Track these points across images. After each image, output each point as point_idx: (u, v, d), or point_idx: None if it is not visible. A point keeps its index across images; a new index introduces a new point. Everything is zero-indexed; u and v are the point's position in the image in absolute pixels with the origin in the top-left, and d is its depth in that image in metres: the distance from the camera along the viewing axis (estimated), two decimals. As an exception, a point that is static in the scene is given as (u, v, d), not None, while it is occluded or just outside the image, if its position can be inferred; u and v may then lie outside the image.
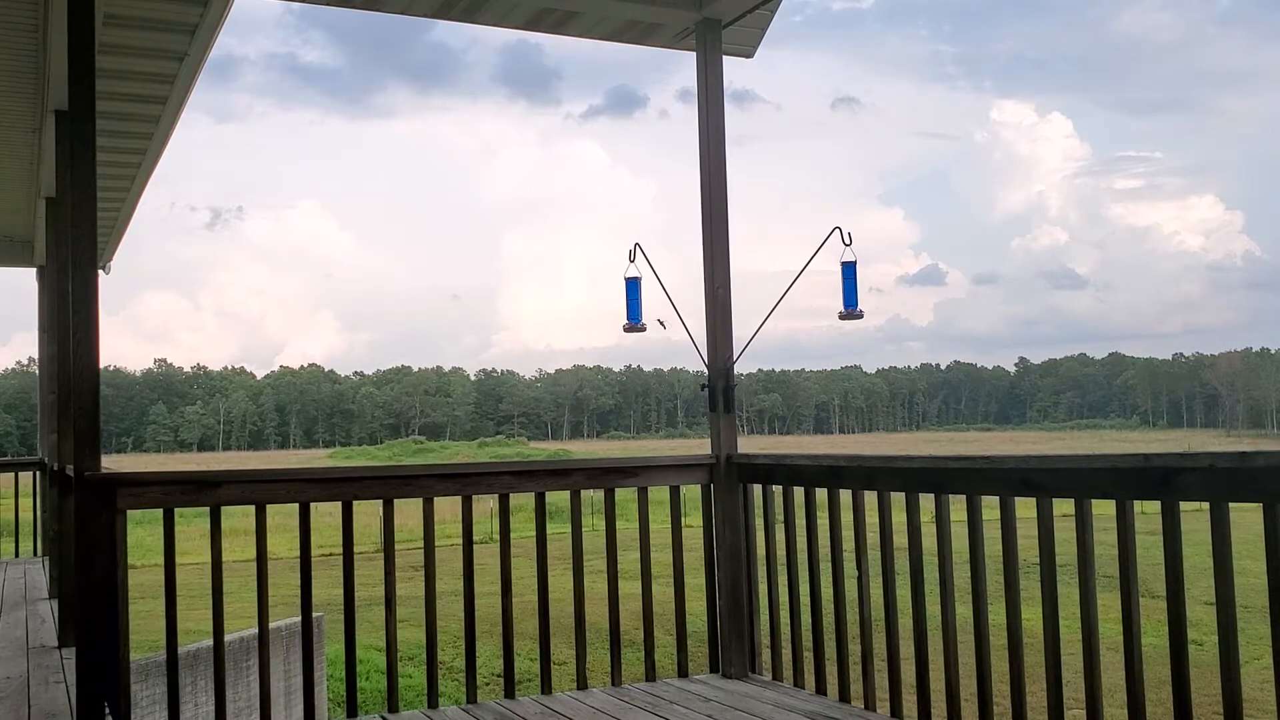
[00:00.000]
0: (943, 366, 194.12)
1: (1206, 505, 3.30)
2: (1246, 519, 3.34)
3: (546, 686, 5.17)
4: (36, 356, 12.08)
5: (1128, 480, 3.59)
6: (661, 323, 5.38)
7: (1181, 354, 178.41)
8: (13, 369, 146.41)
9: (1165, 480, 3.42)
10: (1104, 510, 3.68)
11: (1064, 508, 3.83)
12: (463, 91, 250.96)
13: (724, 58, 5.71)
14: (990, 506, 4.14)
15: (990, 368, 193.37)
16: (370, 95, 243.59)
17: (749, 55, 6.15)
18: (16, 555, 12.17)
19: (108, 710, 4.32)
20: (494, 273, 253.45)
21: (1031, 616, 3.81)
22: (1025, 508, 3.98)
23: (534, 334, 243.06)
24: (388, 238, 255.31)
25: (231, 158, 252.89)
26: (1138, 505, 3.66)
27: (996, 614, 3.97)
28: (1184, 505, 3.43)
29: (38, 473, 11.90)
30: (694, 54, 5.71)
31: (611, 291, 5.52)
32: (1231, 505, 3.27)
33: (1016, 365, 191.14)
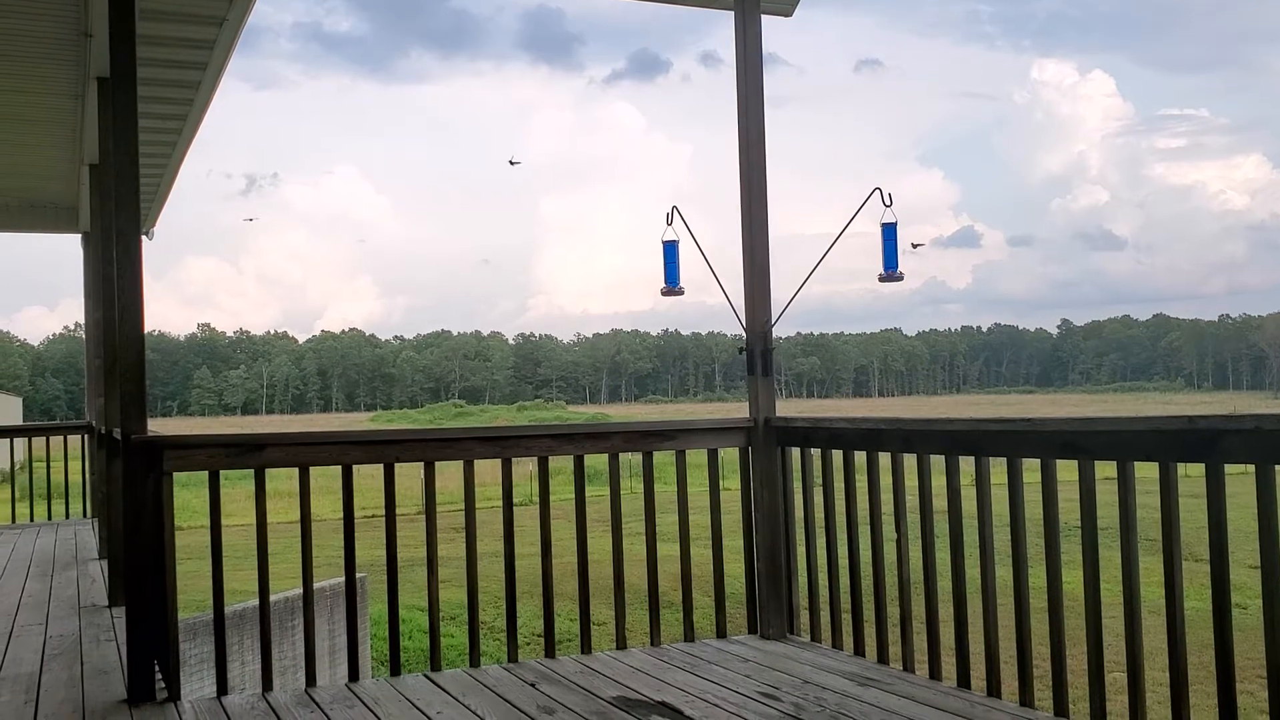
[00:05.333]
0: (984, 329, 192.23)
1: (1252, 468, 3.25)
2: (1293, 482, 3.29)
3: (586, 646, 5.22)
4: (83, 322, 12.23)
5: (1171, 443, 3.55)
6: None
7: (1228, 315, 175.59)
8: (60, 334, 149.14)
9: (1210, 442, 3.38)
10: (1147, 473, 3.64)
11: (1106, 470, 3.79)
12: (486, 56, 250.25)
13: (762, 17, 5.63)
14: (1031, 469, 4.11)
15: (1032, 330, 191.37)
16: (396, 61, 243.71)
17: (787, 14, 6.05)
18: (67, 516, 12.41)
19: (157, 667, 4.41)
20: (530, 236, 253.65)
21: (1072, 579, 3.79)
22: (1067, 470, 3.94)
23: (571, 298, 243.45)
24: (424, 202, 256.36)
25: (265, 125, 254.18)
26: (1181, 468, 3.62)
27: (1037, 577, 3.95)
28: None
29: (86, 436, 12.13)
30: (731, 14, 5.63)
31: (648, 255, 5.50)
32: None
33: (1059, 327, 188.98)
